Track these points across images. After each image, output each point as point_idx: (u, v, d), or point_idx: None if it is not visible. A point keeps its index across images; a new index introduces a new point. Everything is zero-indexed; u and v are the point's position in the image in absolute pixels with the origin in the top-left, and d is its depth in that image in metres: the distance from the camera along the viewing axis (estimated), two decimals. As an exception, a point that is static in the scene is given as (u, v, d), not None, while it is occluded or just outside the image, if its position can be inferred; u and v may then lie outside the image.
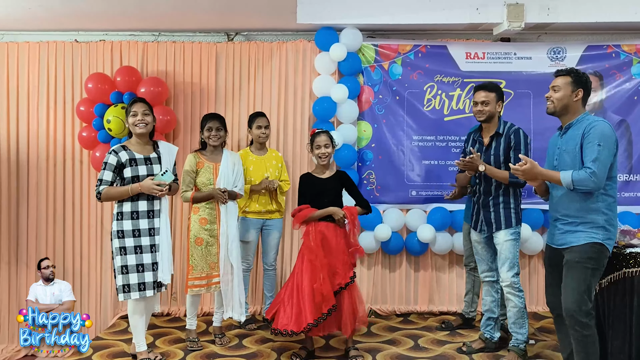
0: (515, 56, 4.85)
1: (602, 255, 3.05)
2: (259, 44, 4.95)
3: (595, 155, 2.95)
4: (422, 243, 4.80)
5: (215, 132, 3.99)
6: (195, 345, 3.97)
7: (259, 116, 4.41)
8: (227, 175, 4.00)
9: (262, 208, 4.36)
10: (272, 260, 4.52)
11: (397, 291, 4.96)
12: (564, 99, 3.12)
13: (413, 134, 4.89)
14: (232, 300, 3.96)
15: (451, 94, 4.86)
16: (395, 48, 4.85)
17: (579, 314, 3.00)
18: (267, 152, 4.49)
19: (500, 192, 3.70)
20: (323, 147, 3.80)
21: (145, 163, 3.58)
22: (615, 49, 4.84)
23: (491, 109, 3.71)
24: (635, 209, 4.83)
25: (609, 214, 3.06)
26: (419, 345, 4.08)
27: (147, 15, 4.60)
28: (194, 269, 3.92)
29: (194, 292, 3.94)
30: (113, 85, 4.72)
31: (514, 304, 3.68)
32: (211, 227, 3.96)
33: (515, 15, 4.45)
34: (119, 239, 3.51)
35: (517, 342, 3.71)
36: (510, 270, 3.64)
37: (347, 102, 4.72)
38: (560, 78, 3.16)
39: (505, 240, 3.67)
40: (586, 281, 3.02)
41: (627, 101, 4.83)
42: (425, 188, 4.90)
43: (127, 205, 3.53)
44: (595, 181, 2.95)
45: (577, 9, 4.54)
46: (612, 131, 3.03)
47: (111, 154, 3.53)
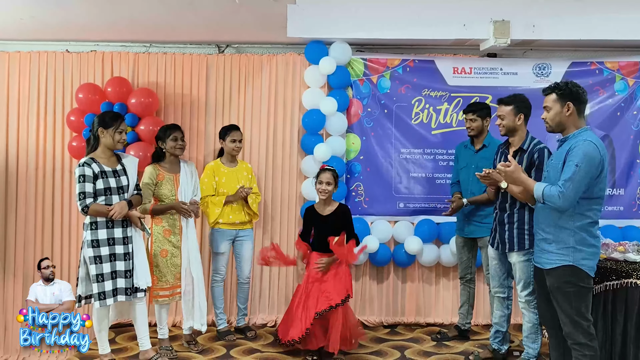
0: (502, 71, 4.93)
1: (578, 277, 2.98)
2: (249, 56, 5.00)
3: (569, 175, 2.87)
4: (410, 255, 4.85)
5: (180, 142, 4.09)
6: (170, 354, 4.00)
7: (234, 129, 4.41)
8: (187, 185, 4.09)
9: (235, 219, 4.38)
10: (247, 273, 4.54)
11: (384, 302, 5.00)
12: (556, 117, 3.04)
13: (401, 147, 4.95)
14: (193, 309, 4.06)
15: (439, 108, 4.94)
16: (384, 62, 4.93)
17: (577, 336, 2.98)
18: (237, 164, 4.51)
19: (515, 210, 3.63)
20: (325, 184, 4.01)
21: (113, 175, 3.66)
22: (598, 65, 4.95)
23: (508, 122, 3.67)
24: (618, 223, 4.92)
25: (582, 235, 2.97)
26: (406, 356, 4.12)
27: (139, 27, 4.65)
28: (159, 279, 3.98)
29: (159, 302, 4.01)
30: (104, 96, 4.75)
31: (528, 319, 3.72)
32: (175, 239, 4.04)
33: (501, 32, 4.53)
34: (94, 247, 3.57)
35: (528, 356, 3.76)
36: (524, 290, 3.66)
37: (336, 114, 4.77)
38: (547, 97, 3.09)
39: (519, 261, 3.66)
40: (573, 305, 2.97)
41: (610, 117, 4.93)
42: (413, 200, 4.96)
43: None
44: (563, 201, 2.87)
45: (561, 27, 4.62)
46: (596, 152, 2.90)
47: (84, 167, 3.57)
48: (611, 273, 3.32)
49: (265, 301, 4.98)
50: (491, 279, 3.98)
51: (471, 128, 4.18)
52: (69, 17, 4.40)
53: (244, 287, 4.56)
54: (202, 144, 4.97)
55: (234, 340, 4.38)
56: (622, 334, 3.26)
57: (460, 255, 4.41)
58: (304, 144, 4.86)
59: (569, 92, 3.02)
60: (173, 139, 4.07)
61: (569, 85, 3.05)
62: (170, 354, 4.01)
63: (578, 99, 3.03)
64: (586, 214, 2.97)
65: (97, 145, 3.69)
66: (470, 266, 4.39)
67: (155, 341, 4.06)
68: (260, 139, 4.97)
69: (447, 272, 5.01)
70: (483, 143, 4.19)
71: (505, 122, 3.68)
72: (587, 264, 2.97)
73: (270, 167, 4.98)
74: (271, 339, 4.45)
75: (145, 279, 3.73)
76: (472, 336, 4.52)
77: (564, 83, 3.08)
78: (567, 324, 3.00)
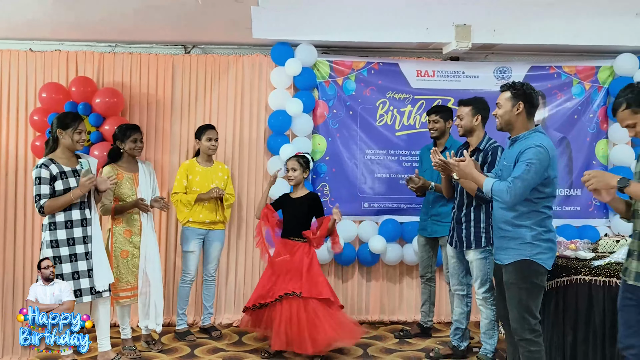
0: (464, 75, 5.05)
1: (534, 272, 3.06)
2: (215, 57, 5.02)
3: (519, 174, 2.95)
4: (374, 254, 4.93)
5: (140, 143, 4.13)
6: (133, 354, 4.01)
7: (209, 128, 4.47)
8: (146, 184, 4.13)
9: (206, 218, 4.41)
10: (212, 270, 4.57)
11: (349, 301, 5.06)
12: (505, 114, 3.12)
13: (366, 148, 5.03)
14: (148, 309, 4.08)
15: (402, 110, 5.03)
16: (349, 64, 5.00)
17: (523, 332, 3.08)
18: (213, 164, 4.55)
19: (472, 208, 3.76)
20: (290, 170, 4.18)
21: (73, 175, 3.65)
22: (557, 70, 5.10)
23: (466, 123, 3.78)
24: (576, 222, 5.07)
25: (538, 230, 3.05)
26: (368, 353, 4.19)
27: (104, 27, 4.62)
28: (120, 280, 3.99)
29: (120, 303, 4.02)
30: (68, 95, 4.72)
31: (485, 316, 3.84)
32: (136, 239, 4.06)
33: (463, 36, 4.65)
34: (53, 248, 3.58)
35: (486, 352, 3.88)
36: (482, 287, 3.77)
37: (302, 115, 4.83)
38: (502, 94, 3.16)
39: (476, 259, 3.77)
40: (523, 302, 3.06)
41: (567, 120, 5.09)
42: (377, 200, 5.04)
43: (60, 215, 3.60)
44: (510, 197, 2.95)
45: (520, 32, 4.77)
46: (546, 155, 2.98)
47: (41, 168, 3.56)
48: (562, 270, 3.44)
49: (231, 301, 5.01)
50: (450, 277, 4.09)
51: (434, 129, 4.29)
52: (33, 16, 4.36)
53: (209, 285, 4.59)
54: (168, 144, 4.96)
55: (194, 340, 4.40)
56: (573, 329, 3.38)
57: (421, 254, 4.51)
58: (270, 144, 4.90)
59: (522, 93, 3.10)
60: (133, 141, 4.08)
61: (525, 86, 3.13)
62: (133, 353, 4.02)
63: (530, 101, 3.12)
64: (541, 211, 3.07)
65: (56, 146, 3.68)
66: (430, 265, 4.49)
67: (118, 341, 4.06)
68: (227, 139, 4.99)
69: (410, 271, 5.10)
70: (445, 145, 4.29)
71: (464, 122, 3.79)
72: (543, 258, 3.06)
73: (237, 168, 5.00)
74: (236, 338, 4.49)
75: (104, 279, 3.71)
76: (434, 333, 4.63)
77: (520, 83, 3.15)
78: (515, 319, 3.10)
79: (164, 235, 4.89)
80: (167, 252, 4.90)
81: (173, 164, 4.89)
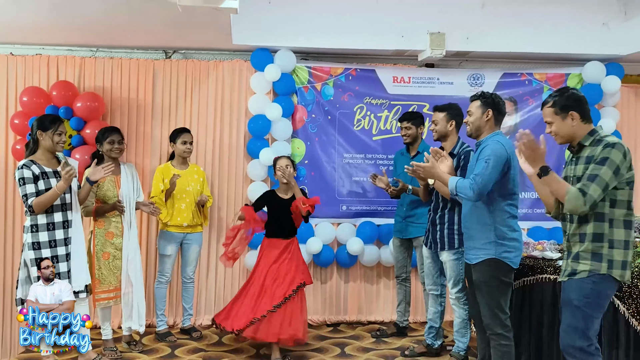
0: (438, 81, 5.20)
1: (501, 270, 3.20)
2: (196, 62, 5.10)
3: (479, 170, 3.12)
4: (352, 255, 5.04)
5: (117, 145, 4.16)
6: (114, 354, 4.06)
7: (185, 132, 4.52)
8: (128, 186, 4.17)
9: (183, 222, 4.46)
10: (191, 273, 4.64)
11: (327, 302, 5.18)
12: (476, 121, 3.32)
13: (344, 152, 5.15)
14: (132, 310, 4.12)
15: (379, 115, 5.16)
16: (328, 70, 5.12)
17: (494, 327, 3.22)
18: (188, 166, 4.60)
19: (446, 211, 3.90)
20: (285, 166, 4.16)
21: (54, 176, 3.68)
22: (528, 77, 5.27)
23: (441, 128, 3.93)
24: (546, 224, 5.24)
25: (503, 229, 3.19)
26: (345, 352, 4.30)
27: (85, 31, 4.66)
28: (101, 282, 4.05)
29: (102, 305, 4.07)
30: (49, 99, 4.75)
31: (458, 315, 3.97)
32: (117, 241, 4.10)
33: (437, 43, 4.80)
34: (35, 250, 3.61)
35: (458, 349, 4.01)
36: (455, 287, 3.91)
37: (281, 120, 4.93)
38: (473, 102, 3.38)
39: (449, 259, 3.90)
40: (494, 298, 3.21)
41: (538, 125, 5.20)
42: (355, 203, 5.16)
43: (42, 217, 3.63)
44: (473, 191, 3.10)
45: (493, 40, 4.94)
46: (503, 150, 3.15)
47: (23, 169, 3.59)
48: (528, 270, 3.59)
49: (211, 302, 5.08)
50: (425, 277, 4.22)
51: (407, 135, 4.43)
52: (13, 19, 4.38)
53: (188, 287, 4.66)
54: (149, 148, 5.03)
55: (175, 341, 4.47)
56: (537, 325, 3.53)
57: (396, 255, 4.63)
58: (250, 148, 4.99)
59: (491, 101, 3.33)
60: (109, 142, 4.13)
61: (493, 96, 3.37)
62: (114, 354, 4.06)
63: (498, 109, 3.34)
64: (505, 209, 3.22)
65: (36, 148, 3.72)
66: (405, 265, 4.62)
67: (99, 342, 4.11)
68: (207, 143, 5.07)
69: (387, 272, 5.22)
70: (418, 150, 4.43)
71: (438, 127, 3.94)
72: (508, 256, 3.20)
73: (217, 171, 5.08)
74: (216, 338, 4.56)
75: (81, 280, 3.75)
76: (410, 333, 4.76)
77: (489, 93, 3.39)
78: (487, 315, 3.25)
79: (144, 238, 4.95)
80: (148, 254, 4.95)
81: (153, 167, 4.93)
